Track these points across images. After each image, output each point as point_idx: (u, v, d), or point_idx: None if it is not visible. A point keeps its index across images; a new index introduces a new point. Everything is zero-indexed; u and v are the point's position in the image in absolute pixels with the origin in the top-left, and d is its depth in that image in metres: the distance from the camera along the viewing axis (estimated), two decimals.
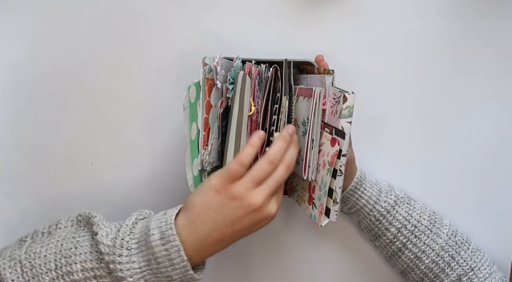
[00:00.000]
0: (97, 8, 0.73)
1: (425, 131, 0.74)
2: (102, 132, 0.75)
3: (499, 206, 0.74)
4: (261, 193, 0.54)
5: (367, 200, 0.68)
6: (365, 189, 0.68)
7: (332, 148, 0.58)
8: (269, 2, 0.73)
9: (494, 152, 0.74)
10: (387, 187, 0.70)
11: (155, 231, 0.53)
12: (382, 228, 0.68)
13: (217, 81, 0.62)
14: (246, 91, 0.62)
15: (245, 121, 0.61)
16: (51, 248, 0.55)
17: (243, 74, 0.62)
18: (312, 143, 0.60)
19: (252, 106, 0.62)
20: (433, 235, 0.67)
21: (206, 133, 0.61)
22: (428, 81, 0.74)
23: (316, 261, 0.77)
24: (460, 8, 0.73)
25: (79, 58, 0.74)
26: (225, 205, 0.54)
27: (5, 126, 0.75)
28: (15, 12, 0.74)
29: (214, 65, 0.61)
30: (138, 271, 0.53)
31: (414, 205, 0.69)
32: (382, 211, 0.68)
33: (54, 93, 0.75)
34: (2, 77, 0.75)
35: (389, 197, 0.68)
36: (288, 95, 0.62)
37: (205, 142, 0.61)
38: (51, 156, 0.75)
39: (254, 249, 0.77)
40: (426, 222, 0.68)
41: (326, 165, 0.59)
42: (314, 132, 0.60)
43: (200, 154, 0.61)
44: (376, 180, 0.70)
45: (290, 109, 0.62)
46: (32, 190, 0.67)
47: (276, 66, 0.63)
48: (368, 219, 0.69)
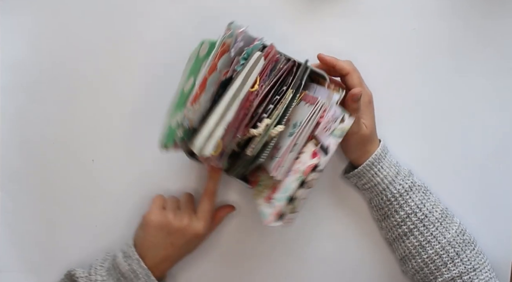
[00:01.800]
0: (97, 5, 0.74)
1: (426, 130, 0.74)
2: (103, 129, 0.75)
3: (500, 206, 0.74)
4: (181, 217, 0.68)
5: (382, 179, 0.67)
6: (382, 167, 0.67)
7: (311, 159, 0.57)
8: (269, 2, 0.73)
9: (495, 151, 0.74)
10: (406, 172, 0.69)
11: (119, 254, 0.67)
12: (392, 209, 0.68)
13: (232, 49, 0.60)
14: (255, 71, 0.61)
15: (241, 98, 0.60)
16: None
17: (260, 55, 0.61)
18: (294, 146, 0.59)
19: (256, 84, 0.60)
20: (442, 228, 0.66)
21: (200, 92, 0.59)
22: (428, 80, 0.74)
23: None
24: (461, 7, 0.73)
25: (80, 55, 0.75)
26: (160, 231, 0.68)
27: (6, 123, 0.76)
28: (16, 9, 0.74)
29: (237, 33, 0.60)
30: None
31: (429, 196, 0.68)
32: (395, 192, 0.67)
33: (55, 91, 0.75)
34: (3, 74, 0.75)
35: (406, 181, 0.68)
36: (294, 91, 0.61)
37: (195, 99, 0.59)
38: (52, 153, 0.75)
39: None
40: (438, 214, 0.67)
41: (297, 173, 0.58)
42: (300, 138, 0.59)
43: (186, 108, 0.59)
44: (397, 162, 0.69)
45: (289, 105, 0.61)
46: (32, 187, 0.67)
47: (296, 60, 0.62)
48: (380, 198, 0.69)
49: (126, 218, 0.74)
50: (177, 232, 0.67)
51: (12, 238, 0.76)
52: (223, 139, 0.60)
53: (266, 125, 0.60)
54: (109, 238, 0.75)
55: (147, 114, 0.74)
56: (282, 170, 0.59)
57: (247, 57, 0.61)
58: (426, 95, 0.74)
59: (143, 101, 0.75)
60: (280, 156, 0.59)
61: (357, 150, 0.68)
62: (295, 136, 0.59)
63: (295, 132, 0.59)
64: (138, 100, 0.75)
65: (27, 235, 0.76)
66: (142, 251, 0.67)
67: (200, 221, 0.68)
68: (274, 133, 0.60)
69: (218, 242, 0.75)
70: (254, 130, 0.60)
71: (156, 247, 0.67)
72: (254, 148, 0.60)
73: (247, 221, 0.75)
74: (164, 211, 0.68)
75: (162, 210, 0.68)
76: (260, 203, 0.62)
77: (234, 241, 0.75)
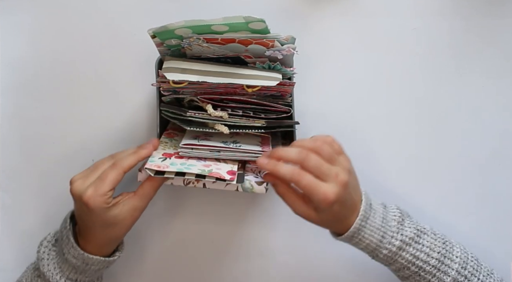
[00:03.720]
0: (97, 4, 0.74)
1: (426, 130, 0.74)
2: (103, 128, 0.74)
3: (500, 206, 0.74)
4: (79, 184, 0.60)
5: (366, 246, 0.61)
6: (363, 236, 0.60)
7: (226, 172, 0.60)
8: (269, 2, 0.74)
9: (495, 151, 0.74)
10: (395, 228, 0.61)
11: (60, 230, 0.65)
12: (385, 263, 0.63)
13: (271, 52, 0.61)
14: (262, 83, 0.62)
15: (233, 82, 0.60)
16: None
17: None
18: (216, 152, 0.62)
19: (251, 90, 0.61)
20: (440, 273, 0.62)
21: (219, 41, 0.60)
22: (429, 80, 0.74)
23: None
24: (462, 7, 0.74)
25: (79, 54, 0.75)
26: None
27: (5, 123, 0.76)
28: (16, 8, 0.74)
29: (287, 49, 0.60)
30: (54, 262, 0.63)
31: (422, 242, 0.62)
32: (382, 257, 0.61)
33: (55, 89, 0.75)
34: (3, 73, 0.75)
35: (394, 243, 0.61)
36: (265, 126, 0.63)
37: (211, 41, 0.59)
38: (52, 152, 0.75)
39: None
40: (434, 261, 0.62)
41: (207, 168, 0.60)
42: (226, 153, 0.62)
43: (198, 38, 0.59)
44: (384, 218, 0.61)
45: (249, 128, 0.63)
46: (32, 186, 0.66)
47: (292, 113, 0.65)
48: (371, 255, 0.63)
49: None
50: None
51: (11, 237, 0.76)
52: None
53: (220, 116, 0.61)
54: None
55: (147, 114, 0.74)
56: (192, 152, 0.61)
57: (271, 68, 0.62)
58: (427, 94, 0.74)
59: (143, 101, 0.74)
60: (200, 144, 0.61)
61: (328, 227, 0.63)
62: (224, 149, 0.62)
63: (227, 146, 0.62)
64: (139, 100, 0.74)
65: (27, 234, 0.75)
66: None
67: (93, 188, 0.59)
68: (217, 127, 0.62)
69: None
70: (210, 107, 0.61)
71: (78, 217, 0.63)
72: (195, 116, 0.61)
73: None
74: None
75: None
76: (159, 152, 0.63)
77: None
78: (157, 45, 0.61)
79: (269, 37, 0.59)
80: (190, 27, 0.57)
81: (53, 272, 0.63)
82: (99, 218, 0.59)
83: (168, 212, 0.76)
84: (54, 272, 0.63)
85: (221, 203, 0.75)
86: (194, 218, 0.76)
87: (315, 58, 0.73)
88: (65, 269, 0.62)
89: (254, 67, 0.62)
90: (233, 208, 0.75)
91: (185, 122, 0.62)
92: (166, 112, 0.64)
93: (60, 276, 0.62)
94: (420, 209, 0.73)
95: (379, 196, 0.64)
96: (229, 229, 0.76)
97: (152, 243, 0.76)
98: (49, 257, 0.63)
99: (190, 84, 0.60)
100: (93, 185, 0.58)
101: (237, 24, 0.57)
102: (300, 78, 0.65)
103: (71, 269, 0.62)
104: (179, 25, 0.57)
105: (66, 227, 0.62)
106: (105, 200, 0.58)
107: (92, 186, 0.58)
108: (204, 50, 0.61)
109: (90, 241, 0.62)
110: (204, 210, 0.75)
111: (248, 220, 0.76)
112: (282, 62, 0.62)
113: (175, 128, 0.70)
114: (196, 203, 0.75)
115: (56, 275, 0.62)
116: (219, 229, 0.76)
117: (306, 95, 0.73)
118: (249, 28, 0.58)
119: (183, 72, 0.60)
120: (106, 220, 0.60)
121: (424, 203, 0.74)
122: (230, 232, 0.76)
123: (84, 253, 0.61)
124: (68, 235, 0.62)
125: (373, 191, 0.63)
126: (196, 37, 0.58)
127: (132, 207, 0.61)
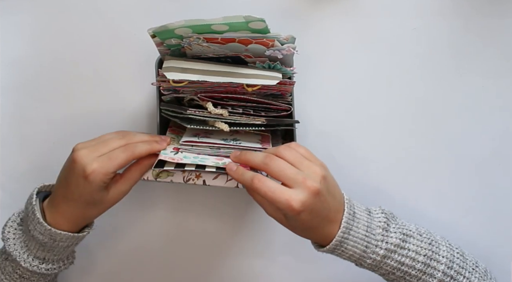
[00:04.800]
0: (97, 3, 0.75)
1: (426, 130, 0.74)
2: (103, 128, 0.73)
3: (500, 206, 0.74)
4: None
5: (349, 257, 0.60)
6: (346, 248, 0.58)
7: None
8: (269, 1, 0.74)
9: (495, 151, 0.74)
10: (379, 236, 0.59)
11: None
12: (369, 270, 0.62)
13: (271, 51, 0.61)
14: (262, 82, 0.62)
15: (234, 81, 0.60)
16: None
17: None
18: (217, 149, 0.62)
19: (251, 89, 0.61)
20: (426, 276, 0.60)
21: (219, 41, 0.60)
22: (429, 80, 0.74)
23: None
24: (462, 7, 0.74)
25: (79, 54, 0.75)
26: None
27: (6, 122, 0.75)
28: (16, 8, 0.75)
29: (287, 49, 0.60)
30: (20, 241, 0.61)
31: (408, 247, 0.60)
32: (366, 265, 0.60)
33: (55, 89, 0.75)
34: (3, 73, 0.75)
35: (378, 251, 0.59)
36: (265, 123, 0.63)
37: (212, 40, 0.59)
38: (52, 152, 0.75)
39: None
40: (420, 265, 0.60)
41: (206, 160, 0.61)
42: (226, 150, 0.62)
43: (198, 37, 0.59)
44: (368, 227, 0.59)
45: (250, 125, 0.63)
46: (33, 187, 0.64)
47: (292, 111, 0.65)
48: (355, 264, 0.62)
49: (126, 217, 0.75)
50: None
51: None
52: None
53: (220, 113, 0.61)
54: (108, 236, 0.75)
55: (147, 113, 0.74)
56: (192, 149, 0.62)
57: (271, 68, 0.62)
58: (427, 94, 0.74)
59: (143, 100, 0.74)
60: (200, 141, 0.61)
61: (302, 235, 0.60)
62: (224, 146, 0.61)
63: (227, 143, 0.62)
64: (140, 99, 0.74)
65: None
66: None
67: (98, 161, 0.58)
68: (217, 125, 0.62)
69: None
70: (210, 105, 0.61)
71: (58, 182, 0.62)
72: (195, 113, 0.61)
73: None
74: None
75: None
76: (169, 148, 0.63)
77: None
78: (157, 44, 0.61)
79: (269, 36, 0.59)
80: (190, 27, 0.58)
81: (19, 251, 0.60)
82: (88, 194, 0.58)
83: (168, 211, 0.76)
84: (21, 251, 0.60)
85: (221, 201, 0.75)
86: (193, 216, 0.76)
87: (315, 58, 0.73)
88: (32, 246, 0.60)
89: (254, 67, 0.62)
90: (233, 206, 0.75)
91: (185, 120, 0.62)
92: (166, 111, 0.64)
93: (27, 254, 0.60)
94: (420, 209, 0.73)
95: (378, 196, 0.64)
96: (229, 227, 0.76)
97: (151, 241, 0.76)
98: (15, 237, 0.61)
99: (190, 83, 0.60)
100: (100, 160, 0.57)
101: (237, 24, 0.57)
102: (300, 78, 0.65)
103: (38, 246, 0.60)
104: (179, 24, 0.57)
105: (32, 202, 0.60)
106: (105, 179, 0.57)
107: (99, 161, 0.57)
108: (204, 49, 0.61)
109: (63, 214, 0.60)
110: (204, 208, 0.75)
111: (248, 219, 0.76)
112: (282, 62, 0.62)
113: (178, 126, 0.70)
114: (196, 201, 0.75)
115: (23, 254, 0.60)
116: (219, 228, 0.76)
117: (306, 95, 0.73)
118: (249, 28, 0.58)
119: (183, 72, 0.60)
120: (93, 198, 0.58)
121: (424, 203, 0.74)
122: (230, 231, 0.76)
123: (52, 228, 0.59)
124: (34, 211, 0.59)
125: (373, 191, 0.63)
126: (196, 36, 0.59)
127: (120, 191, 0.60)
